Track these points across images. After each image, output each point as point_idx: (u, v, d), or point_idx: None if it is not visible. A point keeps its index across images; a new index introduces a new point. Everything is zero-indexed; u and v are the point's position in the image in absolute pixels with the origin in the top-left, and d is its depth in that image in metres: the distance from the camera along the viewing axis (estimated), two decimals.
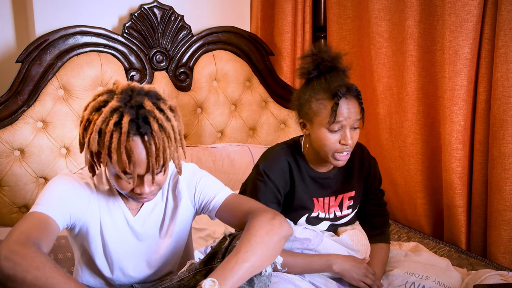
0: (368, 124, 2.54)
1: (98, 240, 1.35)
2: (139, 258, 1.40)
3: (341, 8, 2.58)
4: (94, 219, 1.33)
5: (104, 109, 1.16)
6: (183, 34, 2.45)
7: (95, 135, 1.16)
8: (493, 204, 1.97)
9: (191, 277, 1.36)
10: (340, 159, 1.54)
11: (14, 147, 2.09)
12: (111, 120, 1.14)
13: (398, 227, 2.31)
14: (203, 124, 2.51)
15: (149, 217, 1.39)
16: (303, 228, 1.65)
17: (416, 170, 2.29)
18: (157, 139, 1.16)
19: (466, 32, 1.96)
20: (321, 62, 1.53)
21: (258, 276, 1.23)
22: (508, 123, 1.89)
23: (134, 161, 1.16)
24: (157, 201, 1.40)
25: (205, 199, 1.39)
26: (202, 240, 2.02)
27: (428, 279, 1.63)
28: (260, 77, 2.63)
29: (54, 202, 1.22)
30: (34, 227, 1.15)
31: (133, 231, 1.38)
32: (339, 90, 1.46)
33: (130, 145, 1.15)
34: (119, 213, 1.36)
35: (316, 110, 1.52)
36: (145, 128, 1.15)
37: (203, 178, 1.42)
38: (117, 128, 1.14)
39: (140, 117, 1.15)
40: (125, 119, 1.13)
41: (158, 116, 1.17)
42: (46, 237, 1.15)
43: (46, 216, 1.19)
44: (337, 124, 1.49)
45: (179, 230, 1.42)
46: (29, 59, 2.10)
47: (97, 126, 1.15)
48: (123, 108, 1.15)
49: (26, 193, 2.10)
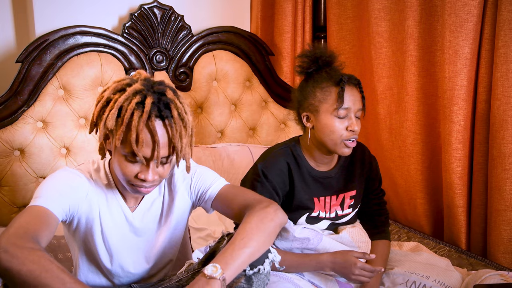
0: (368, 124, 2.54)
1: (98, 231, 1.35)
2: (137, 252, 1.41)
3: (341, 8, 2.58)
4: (93, 211, 1.33)
5: (128, 89, 1.20)
6: (183, 34, 2.45)
7: (115, 111, 1.18)
8: (493, 204, 1.97)
9: (190, 277, 1.36)
10: (349, 145, 1.56)
11: (14, 147, 2.09)
12: (134, 99, 1.18)
13: (398, 227, 2.31)
14: (203, 124, 2.51)
15: (148, 213, 1.40)
16: (302, 227, 1.65)
17: (416, 170, 2.29)
18: (177, 125, 1.20)
19: (466, 32, 1.96)
20: (319, 58, 1.58)
21: (257, 274, 1.24)
22: (508, 123, 1.89)
23: (153, 141, 1.18)
24: (155, 197, 1.41)
25: (201, 189, 1.41)
26: (202, 240, 2.02)
27: (429, 279, 1.63)
28: (260, 77, 2.63)
29: (52, 194, 1.23)
30: (32, 221, 1.16)
31: (131, 227, 1.39)
32: (343, 76, 1.53)
33: (151, 126, 1.18)
34: (117, 208, 1.37)
35: (322, 97, 1.55)
36: (166, 113, 1.19)
37: (199, 169, 1.44)
38: (139, 107, 1.17)
39: (162, 102, 1.19)
40: (148, 100, 1.17)
41: (179, 105, 1.22)
42: (45, 230, 1.16)
43: (44, 209, 1.20)
44: (343, 110, 1.53)
45: (176, 223, 1.43)
46: (29, 59, 2.10)
47: (119, 103, 1.18)
48: (146, 91, 1.19)
49: (26, 193, 2.10)
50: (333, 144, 1.56)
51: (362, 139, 2.23)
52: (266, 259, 1.26)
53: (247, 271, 1.23)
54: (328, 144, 1.57)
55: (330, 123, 1.54)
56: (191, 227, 2.09)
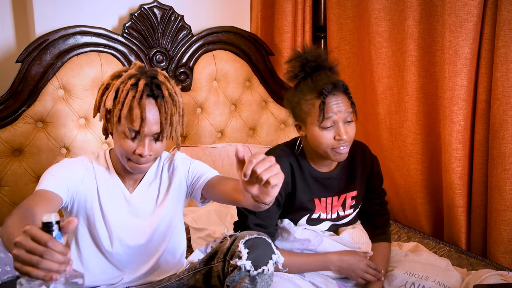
0: (368, 124, 2.54)
1: (98, 211, 1.46)
2: (135, 228, 1.50)
3: (341, 8, 2.58)
4: (92, 193, 1.45)
5: (124, 74, 1.38)
6: (183, 34, 2.45)
7: (113, 93, 1.35)
8: (493, 204, 1.97)
9: (191, 276, 1.37)
10: (340, 152, 1.54)
11: (14, 147, 2.09)
12: (129, 82, 1.35)
13: (398, 227, 2.31)
14: (203, 124, 2.51)
15: (145, 194, 1.52)
16: (303, 228, 1.65)
17: (416, 170, 2.29)
18: (167, 103, 1.36)
19: (466, 32, 1.96)
20: (306, 63, 1.55)
21: (261, 275, 1.25)
22: (508, 123, 1.89)
23: (144, 117, 1.32)
24: (151, 180, 1.54)
25: (197, 174, 1.52)
26: (202, 240, 2.02)
27: (428, 279, 1.63)
28: (260, 77, 2.63)
29: (49, 178, 1.35)
30: (30, 200, 1.25)
31: (130, 207, 1.49)
32: (324, 88, 1.48)
33: (143, 103, 1.33)
34: (116, 189, 1.49)
35: (307, 110, 1.53)
36: (158, 93, 1.35)
37: (196, 160, 1.60)
38: (133, 88, 1.34)
39: (153, 84, 1.36)
40: (141, 82, 1.34)
41: (169, 86, 1.38)
42: (42, 204, 1.24)
43: (44, 190, 1.31)
44: (328, 121, 1.50)
45: (169, 205, 1.53)
46: (29, 59, 2.10)
47: (115, 86, 1.36)
48: (140, 75, 1.37)
49: (26, 193, 2.10)
50: (324, 153, 1.56)
51: (362, 139, 2.22)
52: (270, 260, 1.26)
53: (251, 272, 1.23)
54: (320, 153, 1.57)
55: (317, 135, 1.52)
56: (191, 227, 2.09)
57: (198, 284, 1.41)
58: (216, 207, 2.23)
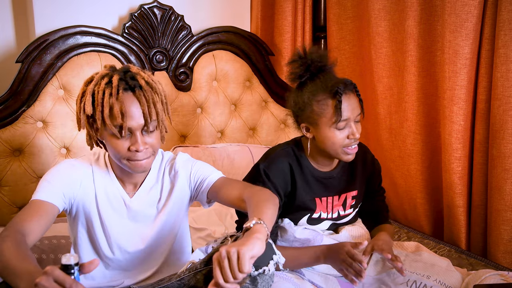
0: (368, 124, 2.54)
1: (96, 215, 1.43)
2: (134, 234, 1.47)
3: (341, 8, 2.58)
4: (90, 197, 1.42)
5: (96, 76, 1.34)
6: (183, 34, 2.45)
7: (89, 98, 1.31)
8: (493, 204, 1.97)
9: (192, 276, 1.37)
10: (351, 152, 1.55)
11: (14, 147, 2.09)
12: (102, 81, 1.31)
13: (398, 227, 2.31)
14: (203, 124, 2.51)
15: (146, 199, 1.48)
16: (303, 228, 1.65)
17: (416, 170, 2.29)
18: (146, 92, 1.32)
19: (466, 32, 1.96)
20: (311, 64, 1.54)
21: (262, 276, 1.24)
22: (508, 123, 1.89)
23: (126, 111, 1.28)
24: (152, 184, 1.50)
25: (200, 177, 1.49)
26: (202, 240, 2.02)
27: (430, 278, 1.63)
28: (260, 77, 2.63)
29: (45, 186, 1.34)
30: (24, 215, 1.26)
31: (129, 211, 1.46)
32: (339, 88, 1.47)
33: (122, 98, 1.29)
34: (116, 194, 1.45)
35: (319, 111, 1.52)
36: (133, 83, 1.31)
37: (198, 162, 1.54)
38: (108, 86, 1.30)
39: (128, 77, 1.32)
40: (115, 78, 1.31)
41: (144, 75, 1.34)
42: (37, 220, 1.26)
43: (39, 201, 1.30)
44: (343, 122, 1.50)
45: (173, 210, 1.50)
46: (29, 59, 2.10)
47: (90, 89, 1.32)
48: (111, 72, 1.34)
49: (26, 193, 2.10)
50: (335, 153, 1.56)
51: (362, 139, 2.21)
52: (271, 260, 1.26)
53: (252, 272, 1.23)
54: (330, 153, 1.57)
55: (331, 135, 1.52)
56: (191, 227, 2.08)
57: (199, 284, 1.41)
58: (216, 207, 2.22)
